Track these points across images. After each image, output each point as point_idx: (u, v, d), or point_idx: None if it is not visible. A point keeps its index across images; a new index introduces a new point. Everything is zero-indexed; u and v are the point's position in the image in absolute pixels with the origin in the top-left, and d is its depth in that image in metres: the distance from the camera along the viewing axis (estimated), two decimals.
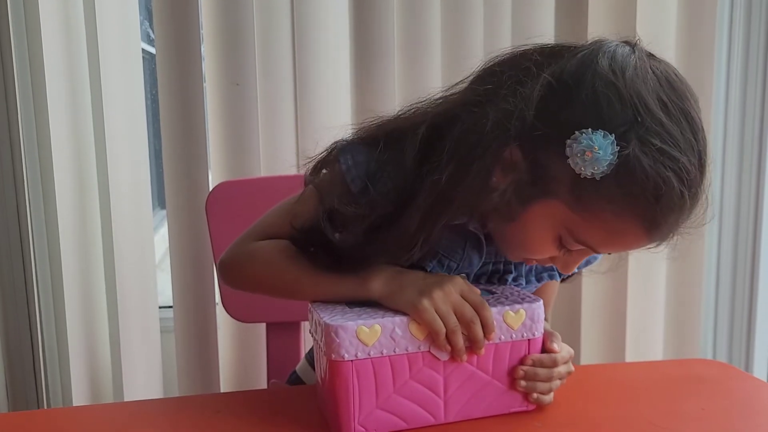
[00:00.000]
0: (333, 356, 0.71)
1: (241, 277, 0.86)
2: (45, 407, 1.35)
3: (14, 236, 1.34)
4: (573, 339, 1.57)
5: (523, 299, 0.76)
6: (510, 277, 0.83)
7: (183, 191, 1.42)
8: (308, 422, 0.76)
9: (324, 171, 0.80)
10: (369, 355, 0.71)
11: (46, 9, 1.28)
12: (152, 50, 1.44)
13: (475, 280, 0.83)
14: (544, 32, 1.42)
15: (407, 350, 0.72)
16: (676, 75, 0.69)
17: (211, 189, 1.17)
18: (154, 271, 1.51)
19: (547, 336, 0.77)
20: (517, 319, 0.74)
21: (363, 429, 0.73)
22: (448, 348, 0.72)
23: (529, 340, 0.75)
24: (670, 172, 0.64)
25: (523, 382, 0.75)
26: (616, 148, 0.64)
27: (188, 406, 0.87)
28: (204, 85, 1.40)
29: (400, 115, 0.78)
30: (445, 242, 0.77)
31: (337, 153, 0.77)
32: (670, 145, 0.65)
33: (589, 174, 0.65)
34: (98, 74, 1.34)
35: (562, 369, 0.77)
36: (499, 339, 0.74)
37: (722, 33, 1.61)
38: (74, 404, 1.35)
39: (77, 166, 1.37)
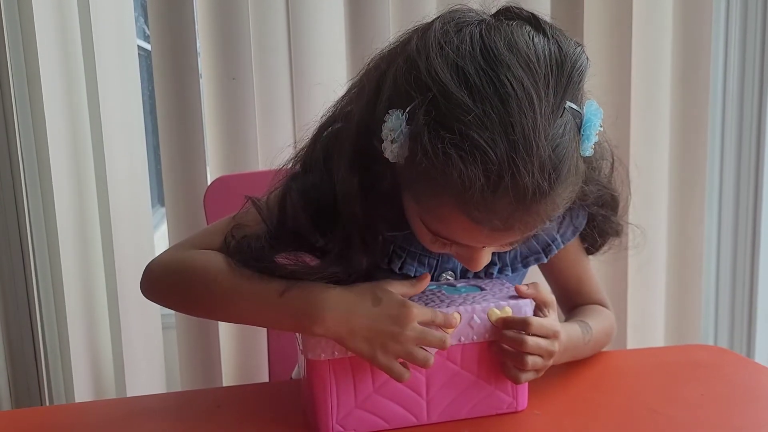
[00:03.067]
0: (310, 355, 0.70)
1: (166, 284, 0.80)
2: (48, 404, 1.35)
3: (13, 235, 1.34)
4: None
5: (510, 297, 0.73)
6: (495, 269, 0.80)
7: (181, 187, 1.42)
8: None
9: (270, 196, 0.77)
10: (347, 354, 0.69)
11: (40, 6, 1.27)
12: (148, 47, 1.44)
13: (462, 275, 0.81)
14: None
15: None
16: (511, 41, 0.61)
17: (209, 184, 1.17)
18: None
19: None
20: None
21: (341, 428, 0.72)
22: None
23: None
24: (452, 150, 0.58)
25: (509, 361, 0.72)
26: (406, 128, 0.61)
27: (190, 401, 0.87)
28: (200, 80, 1.40)
29: (318, 126, 0.77)
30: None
31: (288, 181, 0.76)
32: (458, 121, 0.58)
33: (392, 158, 0.63)
34: (94, 72, 1.34)
35: (542, 343, 0.71)
36: (484, 338, 0.72)
37: (719, 21, 1.60)
38: (77, 401, 1.35)
39: (75, 164, 1.36)
